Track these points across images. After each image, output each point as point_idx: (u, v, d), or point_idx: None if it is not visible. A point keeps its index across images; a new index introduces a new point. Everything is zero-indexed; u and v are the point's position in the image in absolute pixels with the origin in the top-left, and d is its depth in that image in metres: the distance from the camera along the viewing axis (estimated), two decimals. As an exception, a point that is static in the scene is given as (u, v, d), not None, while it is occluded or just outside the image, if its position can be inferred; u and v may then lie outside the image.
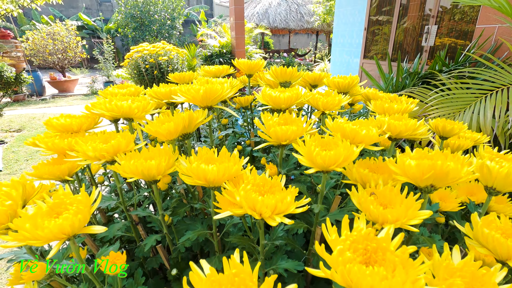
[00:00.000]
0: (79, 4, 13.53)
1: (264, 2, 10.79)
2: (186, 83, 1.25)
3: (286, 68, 0.82)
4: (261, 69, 1.09)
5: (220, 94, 0.63)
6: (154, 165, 0.50)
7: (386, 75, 1.93)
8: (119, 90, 0.84)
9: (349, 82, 0.83)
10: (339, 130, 0.54)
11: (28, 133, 5.07)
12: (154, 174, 0.50)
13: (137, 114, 0.66)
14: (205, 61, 5.62)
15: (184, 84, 0.80)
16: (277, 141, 0.56)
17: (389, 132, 0.60)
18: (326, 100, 0.67)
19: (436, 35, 4.65)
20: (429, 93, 1.41)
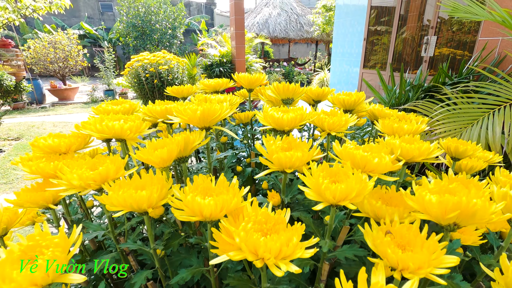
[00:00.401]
0: (81, 13, 13.70)
1: (264, 12, 10.93)
2: (184, 97, 1.21)
3: (288, 84, 0.78)
4: (262, 83, 1.05)
5: (218, 115, 0.59)
6: (144, 197, 0.45)
7: (388, 86, 1.90)
8: (113, 107, 0.79)
9: (355, 100, 0.79)
10: (348, 158, 0.49)
11: (26, 142, 5.03)
12: (145, 208, 0.45)
13: (130, 136, 0.62)
14: (205, 70, 5.62)
15: (180, 102, 0.76)
16: (280, 168, 0.52)
17: (402, 159, 0.55)
18: (332, 121, 0.63)
19: (435, 45, 4.67)
20: (434, 107, 1.37)
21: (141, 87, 4.81)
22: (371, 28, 5.72)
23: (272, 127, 0.60)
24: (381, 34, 5.51)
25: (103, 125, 0.59)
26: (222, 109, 0.60)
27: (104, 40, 12.92)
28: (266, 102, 0.92)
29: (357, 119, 0.67)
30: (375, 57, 5.78)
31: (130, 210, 0.46)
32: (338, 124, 0.63)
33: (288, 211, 0.44)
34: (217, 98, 0.73)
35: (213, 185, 0.49)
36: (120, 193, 0.45)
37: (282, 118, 0.58)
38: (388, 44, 5.38)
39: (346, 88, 6.67)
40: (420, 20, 4.81)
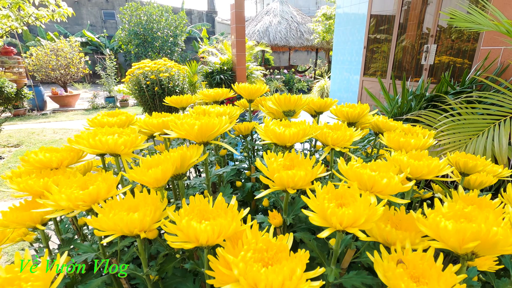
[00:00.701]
0: (84, 21, 13.87)
1: (265, 20, 11.05)
2: (184, 107, 1.19)
3: (290, 96, 0.76)
4: (263, 93, 1.03)
5: (217, 130, 0.56)
6: (136, 221, 0.42)
7: (390, 95, 1.88)
8: (108, 119, 0.77)
9: (359, 113, 0.76)
10: (355, 177, 0.46)
11: (26, 148, 5.01)
12: (136, 232, 0.42)
13: (124, 151, 0.59)
14: (206, 77, 5.64)
15: (178, 114, 0.73)
16: (282, 187, 0.49)
17: (411, 177, 0.52)
18: (336, 136, 0.60)
19: (435, 53, 4.69)
20: (437, 118, 1.35)
21: (141, 94, 4.81)
22: (371, 36, 5.76)
23: (273, 142, 0.57)
24: (381, 42, 5.54)
25: (96, 140, 0.57)
26: (221, 123, 0.57)
27: (106, 48, 13.04)
28: (266, 114, 0.89)
29: (362, 133, 0.64)
30: (375, 65, 5.80)
31: (121, 234, 0.43)
32: (343, 139, 0.60)
33: (290, 237, 0.41)
34: (216, 111, 0.71)
35: (211, 207, 0.46)
36: (110, 215, 0.42)
37: (283, 133, 0.55)
38: (388, 52, 5.40)
39: (346, 95, 6.67)
40: (420, 29, 4.85)
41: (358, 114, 0.76)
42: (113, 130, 0.63)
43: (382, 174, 0.45)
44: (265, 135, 0.59)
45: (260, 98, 1.06)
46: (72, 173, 0.62)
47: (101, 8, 14.06)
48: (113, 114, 0.82)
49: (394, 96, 1.81)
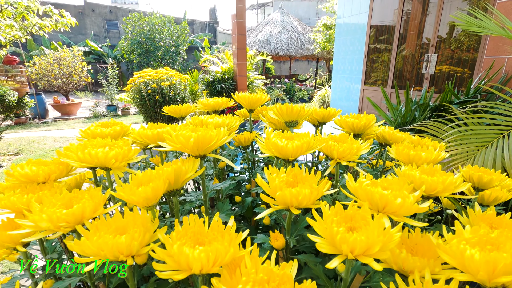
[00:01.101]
0: (87, 31, 14.09)
1: (266, 30, 11.18)
2: (182, 116, 1.16)
3: (292, 106, 0.72)
4: (264, 103, 1.00)
5: (215, 143, 0.52)
6: (123, 245, 0.37)
7: (393, 105, 1.85)
8: (102, 129, 0.73)
9: (365, 124, 0.72)
10: (365, 197, 0.42)
11: (26, 157, 4.98)
12: (123, 258, 0.38)
13: (115, 164, 0.55)
14: (207, 86, 5.65)
15: (174, 125, 0.70)
16: (284, 206, 0.44)
17: (425, 195, 0.48)
18: (343, 149, 0.56)
19: (436, 63, 4.70)
20: (443, 128, 1.31)
21: (142, 103, 4.81)
22: (371, 46, 5.80)
23: (274, 156, 0.53)
24: (381, 51, 5.57)
25: (85, 153, 0.53)
26: (219, 135, 0.53)
27: (108, 57, 13.20)
28: (268, 125, 0.86)
29: (369, 146, 0.60)
30: (376, 74, 5.82)
31: (105, 259, 0.38)
32: (349, 153, 0.56)
33: (295, 265, 0.36)
34: (215, 122, 0.67)
35: (206, 228, 0.41)
36: (94, 238, 0.38)
37: (286, 146, 0.51)
38: (389, 61, 5.42)
39: (347, 104, 6.67)
40: (420, 38, 4.87)
41: (364, 125, 0.72)
42: (104, 142, 0.59)
43: (395, 193, 0.41)
44: (266, 148, 0.55)
45: (261, 107, 1.02)
46: (59, 188, 0.58)
47: (104, 19, 14.31)
48: (107, 124, 0.78)
49: (397, 105, 1.78)
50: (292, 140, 0.53)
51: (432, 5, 4.63)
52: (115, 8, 14.42)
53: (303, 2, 19.76)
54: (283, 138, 0.54)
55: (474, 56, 4.05)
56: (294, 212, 0.42)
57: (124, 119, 7.84)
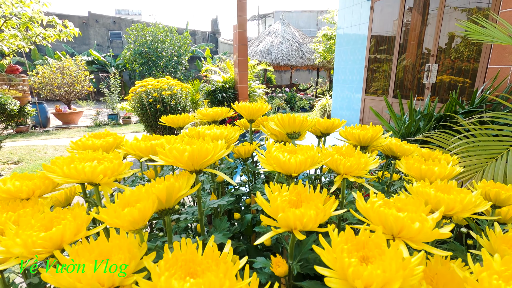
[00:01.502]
0: (91, 41, 14.31)
1: (267, 41, 11.31)
2: (180, 126, 1.12)
3: (294, 116, 0.68)
4: (265, 113, 0.96)
5: (211, 157, 0.48)
6: (104, 277, 0.33)
7: (397, 115, 1.81)
8: (94, 141, 0.69)
9: (372, 136, 0.68)
10: (378, 220, 0.37)
11: (26, 166, 4.96)
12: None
13: (104, 180, 0.51)
14: (208, 95, 5.66)
15: (170, 137, 0.66)
16: (287, 229, 0.40)
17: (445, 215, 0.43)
18: (350, 164, 0.52)
19: (437, 73, 4.70)
20: (451, 139, 1.27)
21: (143, 112, 4.81)
22: (371, 56, 5.83)
23: (277, 171, 0.49)
24: (381, 61, 5.60)
25: (71, 168, 0.49)
26: (215, 149, 0.49)
27: (111, 66, 13.35)
28: (268, 136, 0.82)
29: (378, 161, 0.56)
30: (377, 84, 5.82)
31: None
32: (357, 168, 0.52)
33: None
34: (212, 134, 0.63)
35: (199, 255, 0.37)
36: (72, 268, 0.33)
37: (288, 161, 0.47)
38: (389, 71, 5.44)
39: (348, 113, 6.66)
40: (420, 48, 4.90)
41: (371, 137, 0.68)
42: (93, 155, 0.55)
43: (412, 216, 0.37)
44: (267, 162, 0.51)
45: (262, 118, 0.99)
46: (43, 205, 0.53)
47: (108, 29, 14.55)
48: (100, 135, 0.75)
49: (401, 115, 1.75)
50: (295, 154, 0.49)
51: (432, 16, 4.67)
52: (118, 19, 14.68)
53: (304, 13, 20.11)
54: (285, 152, 0.50)
55: (474, 66, 4.06)
56: (298, 237, 0.38)
57: (125, 127, 7.84)
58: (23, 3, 4.51)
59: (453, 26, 4.29)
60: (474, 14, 4.04)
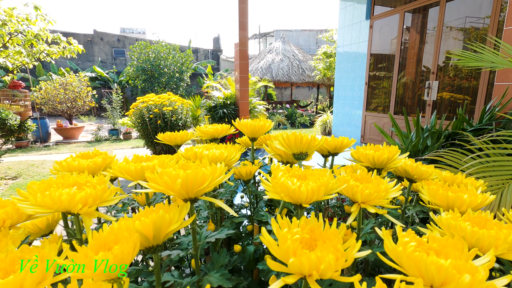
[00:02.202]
0: (95, 58, 14.60)
1: (268, 58, 11.52)
2: (178, 144, 1.06)
3: (301, 136, 0.62)
4: (268, 130, 0.90)
5: (208, 184, 0.41)
6: None
7: (403, 132, 1.75)
8: (80, 161, 0.62)
9: (388, 157, 0.61)
10: (415, 268, 0.30)
11: (23, 181, 4.86)
12: None
13: (84, 210, 0.44)
14: (209, 111, 5.65)
15: (164, 157, 0.59)
16: (300, 275, 0.32)
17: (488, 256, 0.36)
18: (369, 191, 0.45)
19: (437, 90, 4.72)
20: (463, 159, 1.20)
21: (144, 128, 4.78)
22: (371, 73, 5.88)
23: (285, 200, 0.42)
24: (382, 78, 5.63)
25: (45, 196, 0.42)
26: (214, 174, 0.42)
27: (114, 82, 13.54)
28: (272, 156, 0.75)
29: (400, 188, 0.49)
30: (377, 100, 5.83)
31: None
32: (376, 196, 0.45)
33: None
34: (211, 155, 0.57)
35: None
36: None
37: (299, 190, 0.40)
38: (390, 88, 5.46)
39: (349, 129, 6.63)
40: (420, 66, 4.94)
41: (387, 159, 0.61)
42: (74, 180, 0.48)
43: (457, 264, 0.29)
44: (274, 190, 0.44)
45: (265, 135, 0.93)
46: (16, 238, 0.46)
47: (112, 46, 14.89)
48: (88, 155, 0.68)
49: (407, 133, 1.69)
50: (306, 181, 0.42)
51: (431, 35, 4.75)
52: (123, 37, 15.06)
53: (304, 32, 20.66)
54: (294, 178, 0.43)
55: (474, 83, 4.07)
56: (312, 286, 0.30)
57: (125, 143, 7.81)
58: (29, 21, 4.61)
59: (452, 45, 4.35)
60: (472, 35, 4.10)
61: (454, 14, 4.33)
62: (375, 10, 5.65)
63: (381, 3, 5.53)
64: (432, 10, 4.60)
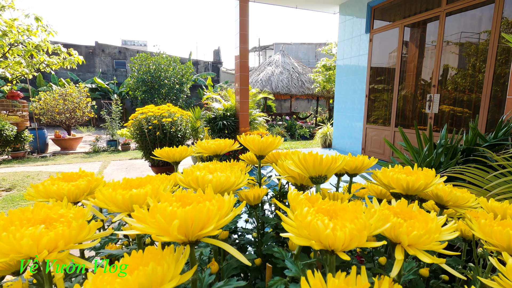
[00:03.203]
0: (96, 69, 14.69)
1: (267, 70, 11.60)
2: (176, 161, 0.96)
3: (320, 157, 0.53)
4: (277, 147, 0.81)
5: (215, 226, 0.31)
6: None
7: (413, 147, 1.66)
8: (60, 185, 0.53)
9: (426, 183, 0.52)
10: None
11: (17, 193, 4.72)
12: None
13: (52, 255, 0.34)
14: (208, 123, 5.58)
15: (162, 180, 0.49)
16: None
17: None
18: (417, 233, 0.35)
19: (439, 103, 4.68)
20: (487, 177, 1.11)
21: (143, 139, 4.69)
22: (372, 86, 5.87)
23: (315, 248, 0.32)
24: (382, 91, 5.61)
25: (2, 238, 0.32)
26: (221, 211, 0.33)
27: (114, 93, 13.56)
28: (285, 178, 0.66)
29: (456, 227, 0.39)
30: (377, 113, 5.79)
31: None
32: (427, 238, 0.35)
33: None
34: (216, 181, 0.46)
35: None
36: None
37: (334, 235, 0.30)
38: (390, 101, 5.43)
39: (349, 141, 6.56)
40: (420, 79, 4.93)
41: (425, 185, 0.52)
42: (45, 213, 0.38)
43: None
44: (299, 232, 0.34)
45: (273, 153, 0.83)
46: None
47: (113, 58, 15.02)
48: (71, 177, 0.58)
49: (419, 148, 1.60)
50: (340, 221, 0.33)
51: (431, 48, 4.76)
52: (124, 49, 15.22)
53: (303, 45, 20.98)
54: (323, 217, 0.33)
55: (476, 96, 4.05)
56: None
57: (123, 154, 7.69)
58: (30, 32, 4.60)
59: (454, 58, 4.35)
60: (471, 47, 4.12)
61: (454, 28, 4.36)
62: (375, 24, 5.70)
63: (380, 17, 5.58)
64: (431, 24, 4.63)
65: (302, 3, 6.55)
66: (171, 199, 0.35)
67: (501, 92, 3.78)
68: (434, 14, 4.48)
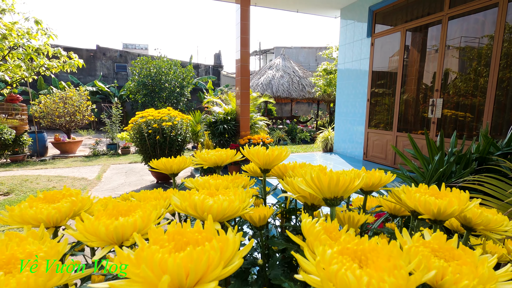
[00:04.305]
0: (97, 73, 14.69)
1: (268, 74, 11.57)
2: (174, 173, 0.89)
3: (337, 178, 0.46)
4: (284, 160, 0.74)
5: (211, 278, 0.25)
6: None
7: (422, 155, 1.59)
8: (39, 207, 0.45)
9: (461, 208, 0.45)
10: None
11: (15, 197, 4.65)
12: None
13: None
14: (209, 126, 5.53)
15: (147, 212, 0.42)
16: None
17: None
18: (468, 283, 0.28)
19: (442, 107, 4.61)
20: (509, 190, 1.03)
21: (142, 143, 4.62)
22: (373, 90, 5.81)
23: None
24: (384, 95, 5.55)
25: None
26: (224, 255, 0.26)
27: (114, 97, 13.53)
28: (295, 197, 0.59)
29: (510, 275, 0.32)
30: (379, 117, 5.72)
31: None
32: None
33: None
34: (216, 207, 0.39)
35: None
36: None
37: (363, 285, 0.23)
38: (392, 105, 5.36)
39: (351, 146, 6.48)
40: (423, 83, 4.87)
41: (460, 210, 0.45)
42: (10, 253, 0.32)
43: None
44: (322, 283, 0.26)
45: (280, 165, 0.77)
46: None
47: (114, 61, 15.02)
48: (53, 197, 0.51)
49: (430, 157, 1.52)
50: (375, 271, 0.26)
51: (433, 52, 4.70)
52: (125, 52, 15.23)
53: (303, 49, 21.00)
54: (355, 267, 0.26)
55: (478, 100, 3.99)
56: None
57: (123, 157, 7.63)
58: (30, 35, 4.56)
59: (456, 62, 4.29)
60: (474, 51, 4.06)
61: (457, 32, 4.31)
62: (376, 28, 5.65)
63: (382, 21, 5.54)
64: (434, 28, 4.58)
65: (303, 7, 6.52)
66: (162, 238, 0.29)
67: (505, 96, 3.71)
68: (437, 18, 4.43)
